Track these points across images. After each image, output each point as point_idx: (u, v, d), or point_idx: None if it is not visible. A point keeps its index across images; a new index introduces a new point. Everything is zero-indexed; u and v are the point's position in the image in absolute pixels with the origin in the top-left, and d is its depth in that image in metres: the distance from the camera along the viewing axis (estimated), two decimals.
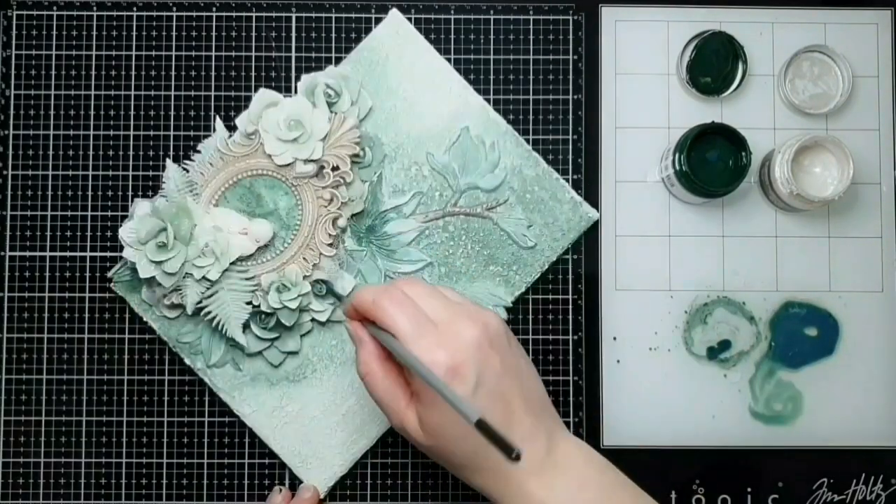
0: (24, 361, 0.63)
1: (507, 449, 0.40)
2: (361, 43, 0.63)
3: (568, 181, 0.64)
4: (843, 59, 0.63)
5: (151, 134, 0.64)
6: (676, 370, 0.63)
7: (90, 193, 0.64)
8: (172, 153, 0.64)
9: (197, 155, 0.61)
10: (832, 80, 0.64)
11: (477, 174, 0.62)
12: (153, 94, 0.64)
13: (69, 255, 0.63)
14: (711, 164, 0.60)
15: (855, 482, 0.63)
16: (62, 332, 0.63)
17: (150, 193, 0.63)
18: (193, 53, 0.64)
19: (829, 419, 0.63)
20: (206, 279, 0.59)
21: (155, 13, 0.64)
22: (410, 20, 0.64)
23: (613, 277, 0.64)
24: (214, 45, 0.64)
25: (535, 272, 0.63)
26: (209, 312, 0.60)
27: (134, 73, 0.64)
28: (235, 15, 0.64)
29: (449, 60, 0.64)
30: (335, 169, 0.60)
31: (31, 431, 0.63)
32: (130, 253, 0.58)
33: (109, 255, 0.63)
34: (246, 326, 0.60)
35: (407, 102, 0.63)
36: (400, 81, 0.63)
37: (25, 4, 0.64)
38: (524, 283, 0.62)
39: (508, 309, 0.62)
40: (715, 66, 0.64)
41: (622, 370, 0.63)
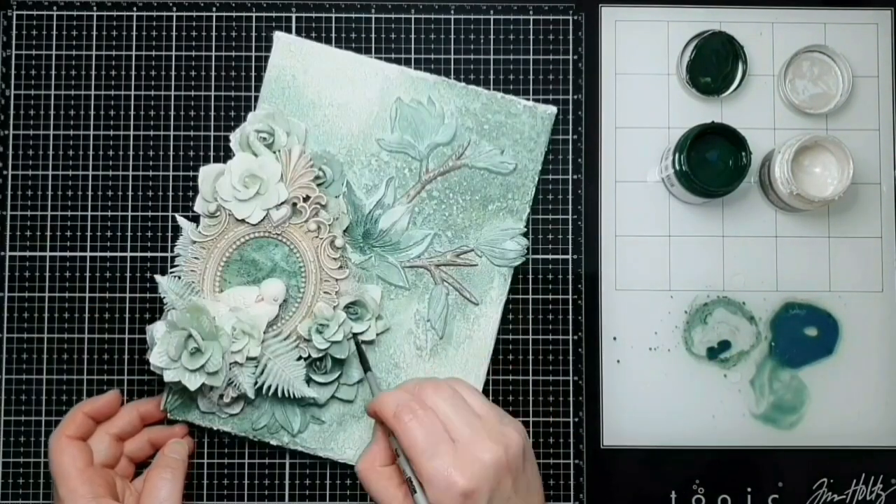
0: (24, 361, 0.63)
1: None
2: (264, 78, 0.63)
3: (568, 181, 0.64)
4: (843, 59, 0.63)
5: (151, 134, 0.64)
6: (676, 370, 0.63)
7: (90, 193, 0.64)
8: (172, 153, 0.64)
9: (178, 258, 0.61)
10: (832, 80, 0.64)
11: (431, 133, 0.63)
12: (153, 94, 0.64)
13: (69, 255, 0.63)
14: (711, 164, 0.60)
15: (855, 482, 0.63)
16: (62, 332, 0.63)
17: (149, 194, 0.63)
18: (193, 53, 0.64)
19: (829, 419, 0.63)
20: (249, 359, 0.59)
21: (155, 13, 0.64)
22: (411, 20, 0.64)
23: (613, 277, 0.64)
24: (214, 45, 0.64)
25: (530, 190, 0.63)
26: (269, 387, 0.59)
27: (134, 73, 0.64)
28: (235, 15, 0.65)
29: (448, 60, 0.64)
30: (306, 199, 0.60)
31: (31, 431, 0.63)
32: (171, 375, 0.58)
33: (109, 255, 0.63)
34: (308, 380, 0.60)
35: (334, 107, 0.63)
36: (317, 92, 0.63)
37: (25, 4, 0.64)
38: (526, 204, 0.63)
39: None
40: (715, 66, 0.64)
41: (622, 370, 0.63)
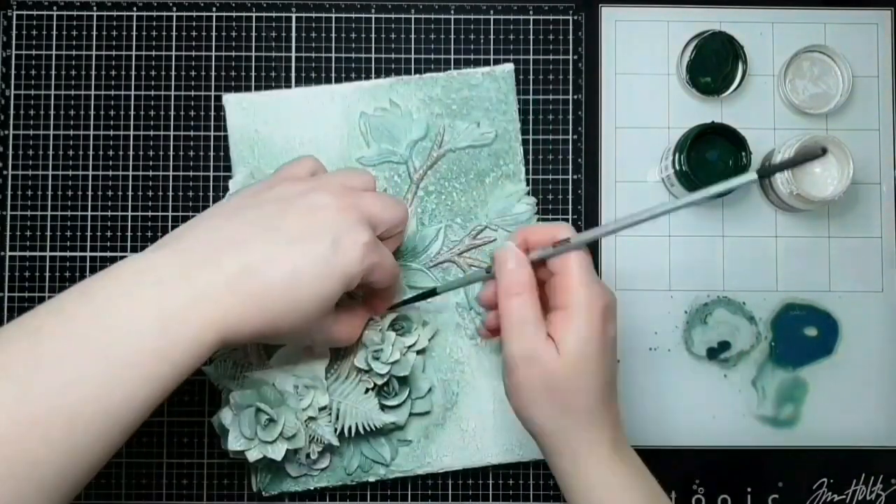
0: None
1: None
2: (229, 143, 0.62)
3: (568, 181, 0.64)
4: (843, 59, 0.63)
5: (151, 134, 0.64)
6: (676, 370, 0.63)
7: (90, 193, 0.64)
8: (172, 153, 0.64)
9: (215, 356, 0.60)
10: (832, 80, 0.64)
11: (405, 133, 0.62)
12: (153, 94, 0.64)
13: (69, 255, 0.63)
14: (711, 164, 0.60)
15: (855, 482, 0.63)
16: None
17: (149, 194, 0.63)
18: (193, 53, 0.64)
19: (829, 419, 0.63)
20: (321, 409, 0.58)
21: (155, 13, 0.64)
22: (411, 20, 0.64)
23: (613, 277, 0.64)
24: (214, 45, 0.64)
25: (517, 152, 0.63)
26: (350, 428, 0.59)
27: (134, 73, 0.64)
28: (235, 15, 0.65)
29: (449, 61, 0.64)
30: None
31: None
32: (254, 454, 0.57)
33: (109, 255, 0.63)
34: (382, 408, 0.60)
35: (305, 144, 0.63)
36: (284, 137, 0.62)
37: (25, 4, 0.64)
38: (519, 165, 0.63)
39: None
40: (715, 66, 0.64)
41: (622, 370, 0.63)
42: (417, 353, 0.61)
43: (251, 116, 0.63)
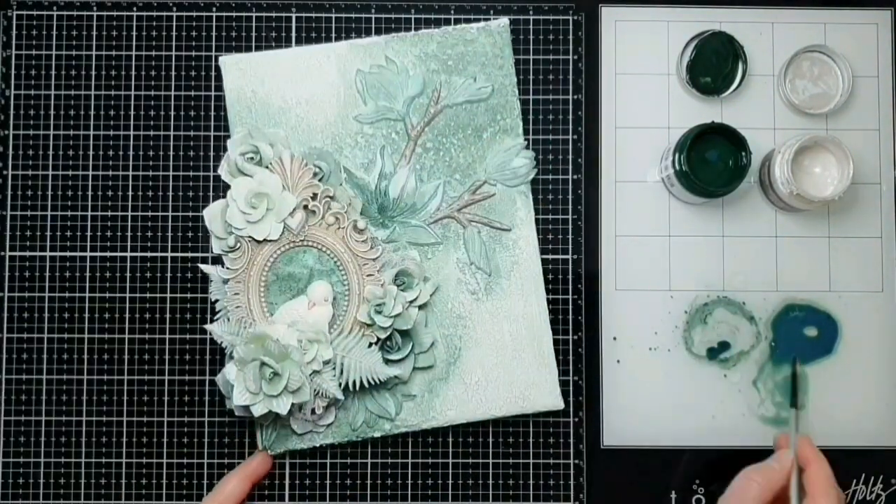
0: (24, 361, 0.63)
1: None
2: (227, 104, 0.63)
3: (568, 181, 0.64)
4: (843, 59, 0.63)
5: (151, 134, 0.64)
6: (676, 370, 0.63)
7: (90, 193, 0.64)
8: (172, 153, 0.64)
9: (217, 303, 0.60)
10: (832, 80, 0.64)
11: (402, 90, 0.63)
12: (153, 94, 0.64)
13: (69, 255, 0.63)
14: (711, 164, 0.60)
15: (855, 482, 0.63)
16: (62, 332, 0.63)
17: (149, 194, 0.63)
18: (193, 53, 0.64)
19: (828, 419, 0.63)
20: (325, 363, 0.59)
21: (155, 13, 0.64)
22: (411, 20, 0.64)
23: (613, 277, 0.64)
24: (214, 45, 0.64)
25: (515, 106, 0.63)
26: (354, 382, 0.59)
27: (134, 73, 0.64)
28: (235, 15, 0.65)
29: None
30: (315, 197, 0.60)
31: (31, 431, 0.63)
32: (259, 408, 0.58)
33: (109, 255, 0.63)
34: (385, 362, 0.60)
35: (302, 104, 0.63)
36: (281, 96, 0.63)
37: (25, 4, 0.64)
38: (516, 119, 0.63)
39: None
40: (715, 66, 0.64)
41: (622, 370, 0.63)
42: (419, 307, 0.61)
43: (247, 76, 0.63)
